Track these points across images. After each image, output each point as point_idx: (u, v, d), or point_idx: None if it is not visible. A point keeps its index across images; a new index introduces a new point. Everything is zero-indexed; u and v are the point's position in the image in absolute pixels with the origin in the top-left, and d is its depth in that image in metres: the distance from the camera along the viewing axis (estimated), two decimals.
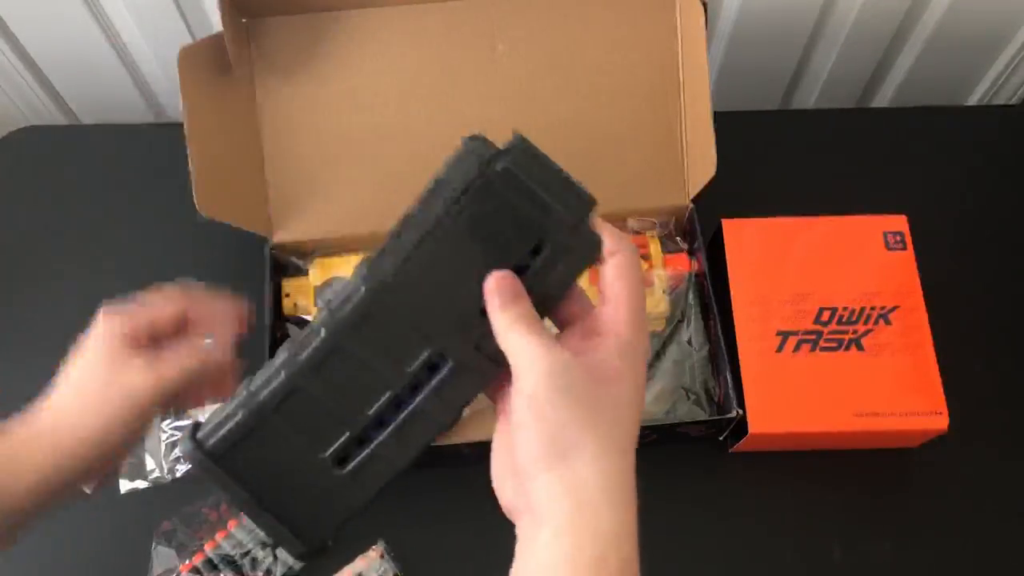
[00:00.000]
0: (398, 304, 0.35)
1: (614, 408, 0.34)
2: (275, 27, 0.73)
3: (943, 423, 0.66)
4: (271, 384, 0.35)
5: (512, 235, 0.35)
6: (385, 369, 0.35)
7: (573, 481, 0.33)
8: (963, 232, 0.83)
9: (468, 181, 0.35)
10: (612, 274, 0.36)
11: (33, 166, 0.89)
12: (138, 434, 0.49)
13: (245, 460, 0.35)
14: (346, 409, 0.35)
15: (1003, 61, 0.97)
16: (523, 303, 0.35)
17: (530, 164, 0.35)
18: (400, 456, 0.36)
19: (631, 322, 0.36)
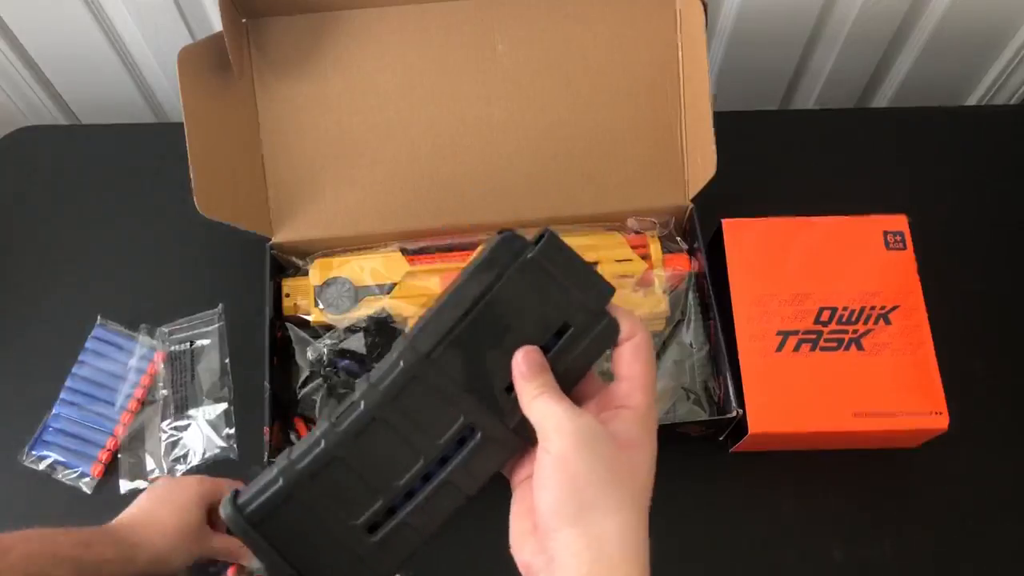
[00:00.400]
0: (434, 379, 0.37)
1: (633, 470, 0.37)
2: (275, 27, 0.73)
3: (943, 423, 0.66)
4: (311, 453, 0.37)
5: (538, 319, 0.38)
6: (418, 441, 0.37)
7: (593, 535, 0.35)
8: (963, 232, 0.83)
9: (502, 268, 0.38)
10: (630, 354, 0.39)
11: (33, 166, 0.89)
12: None
13: (282, 526, 0.36)
14: (380, 479, 0.37)
15: (1003, 61, 0.98)
16: (548, 375, 0.38)
17: (557, 255, 0.38)
18: (426, 525, 0.38)
19: (645, 398, 0.39)
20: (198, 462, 0.73)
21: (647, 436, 0.39)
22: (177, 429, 0.74)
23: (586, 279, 0.39)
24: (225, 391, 0.76)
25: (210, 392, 0.76)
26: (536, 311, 0.38)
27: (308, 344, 0.72)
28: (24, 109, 1.01)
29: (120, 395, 0.75)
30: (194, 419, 0.75)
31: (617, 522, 0.36)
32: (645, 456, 0.39)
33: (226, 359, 0.77)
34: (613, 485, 0.36)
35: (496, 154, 0.75)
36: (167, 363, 0.76)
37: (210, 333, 0.78)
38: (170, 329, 0.78)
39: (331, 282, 0.73)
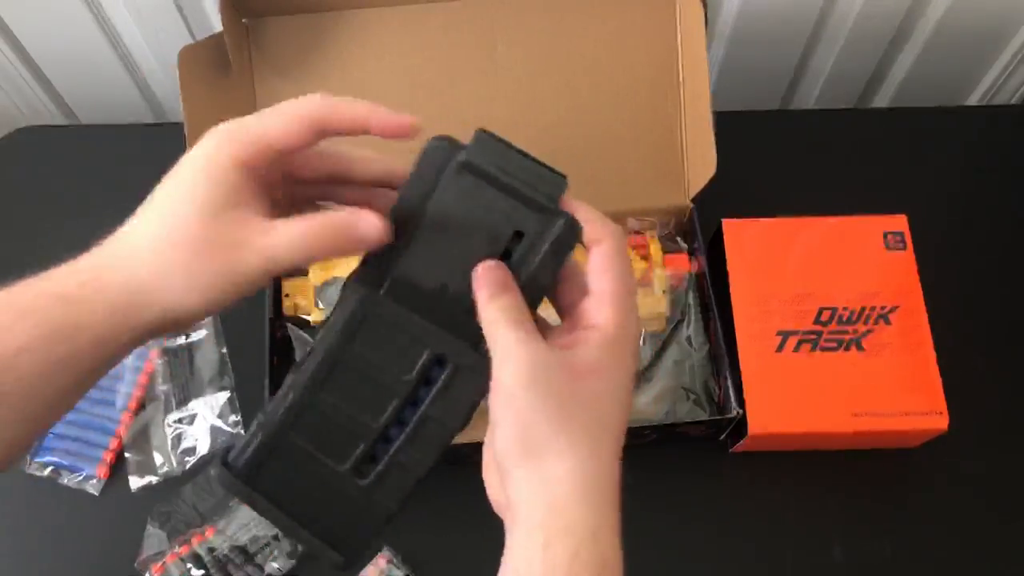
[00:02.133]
0: (388, 311, 0.35)
1: (593, 404, 0.34)
2: (275, 27, 0.73)
3: (943, 423, 0.66)
4: (283, 405, 0.36)
5: (489, 226, 0.35)
6: (387, 378, 0.36)
7: (546, 478, 0.33)
8: (963, 232, 0.83)
9: (436, 177, 0.35)
10: (595, 264, 0.35)
11: (33, 166, 0.89)
12: None
13: (273, 480, 0.36)
14: (357, 421, 0.36)
15: (1003, 61, 0.97)
16: (509, 295, 0.34)
17: (494, 153, 0.35)
18: (418, 463, 0.36)
19: (615, 316, 0.35)
20: (207, 452, 0.73)
21: (613, 360, 0.34)
22: (182, 422, 0.74)
23: (532, 174, 0.35)
24: (227, 379, 0.76)
25: (212, 382, 0.76)
26: (483, 221, 0.35)
27: (308, 344, 0.72)
28: (24, 109, 1.01)
29: (119, 395, 0.75)
30: (198, 411, 0.75)
31: (570, 463, 0.33)
32: (608, 384, 0.34)
33: (223, 348, 0.77)
34: (566, 423, 0.33)
35: None
36: (163, 359, 0.76)
37: (204, 324, 0.78)
38: None
39: (331, 282, 0.73)
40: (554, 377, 0.33)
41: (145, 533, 0.69)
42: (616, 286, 0.35)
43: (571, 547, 0.32)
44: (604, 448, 0.34)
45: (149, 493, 0.72)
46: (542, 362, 0.33)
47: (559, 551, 0.32)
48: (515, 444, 0.33)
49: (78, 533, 0.71)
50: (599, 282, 0.35)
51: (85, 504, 0.72)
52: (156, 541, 0.68)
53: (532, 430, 0.33)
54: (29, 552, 0.71)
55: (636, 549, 0.35)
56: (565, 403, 0.33)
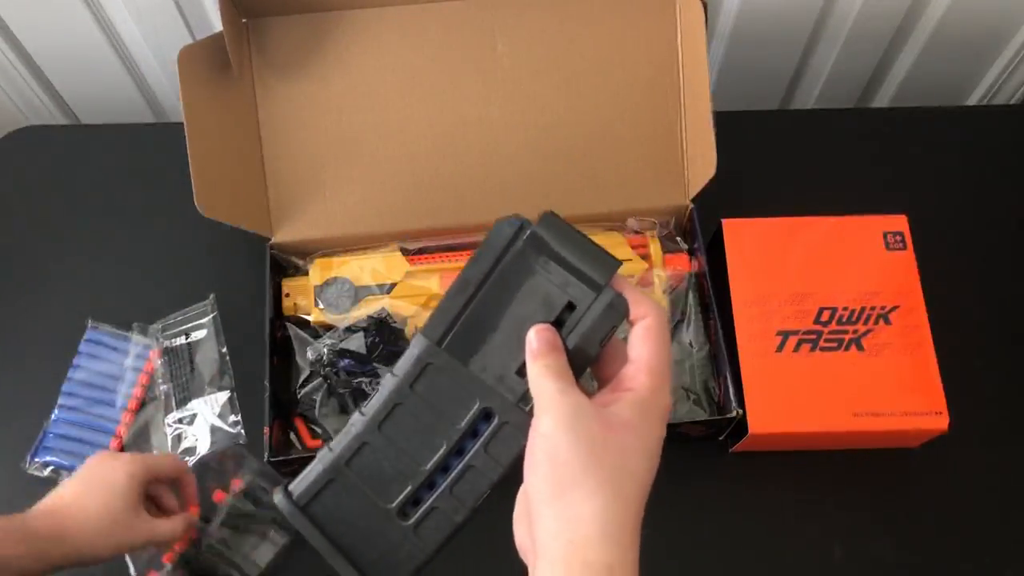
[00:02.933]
0: (448, 365, 0.39)
1: (622, 454, 0.36)
2: (275, 27, 0.73)
3: (943, 423, 0.66)
4: (344, 439, 0.39)
5: (543, 298, 0.39)
6: (439, 426, 0.39)
7: (570, 516, 0.35)
8: (963, 232, 0.83)
9: (504, 247, 0.39)
10: (636, 335, 0.39)
11: (33, 166, 0.89)
12: None
13: (325, 509, 0.39)
14: (407, 464, 0.39)
15: (1003, 61, 0.98)
16: (556, 354, 0.38)
17: (557, 232, 0.39)
18: (456, 510, 0.39)
19: (651, 381, 0.38)
20: (207, 451, 0.73)
21: (643, 421, 0.37)
22: (182, 422, 0.74)
23: (587, 253, 0.39)
24: (227, 379, 0.76)
25: (212, 382, 0.76)
26: (540, 290, 0.39)
27: (308, 344, 0.72)
28: (24, 109, 1.02)
29: (119, 395, 0.75)
30: (198, 410, 0.75)
31: (595, 504, 0.35)
32: (638, 441, 0.37)
33: (223, 348, 0.77)
34: (594, 467, 0.35)
35: (496, 154, 0.75)
36: (164, 359, 0.76)
37: (204, 324, 0.78)
38: (163, 325, 0.78)
39: (331, 282, 0.73)
40: (591, 425, 0.36)
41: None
42: (654, 356, 0.38)
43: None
44: (627, 494, 0.36)
45: None
46: (581, 410, 0.36)
47: None
48: (548, 483, 0.36)
49: None
50: (638, 351, 0.38)
51: None
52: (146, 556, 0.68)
53: (565, 469, 0.35)
54: None
55: None
56: (597, 449, 0.35)
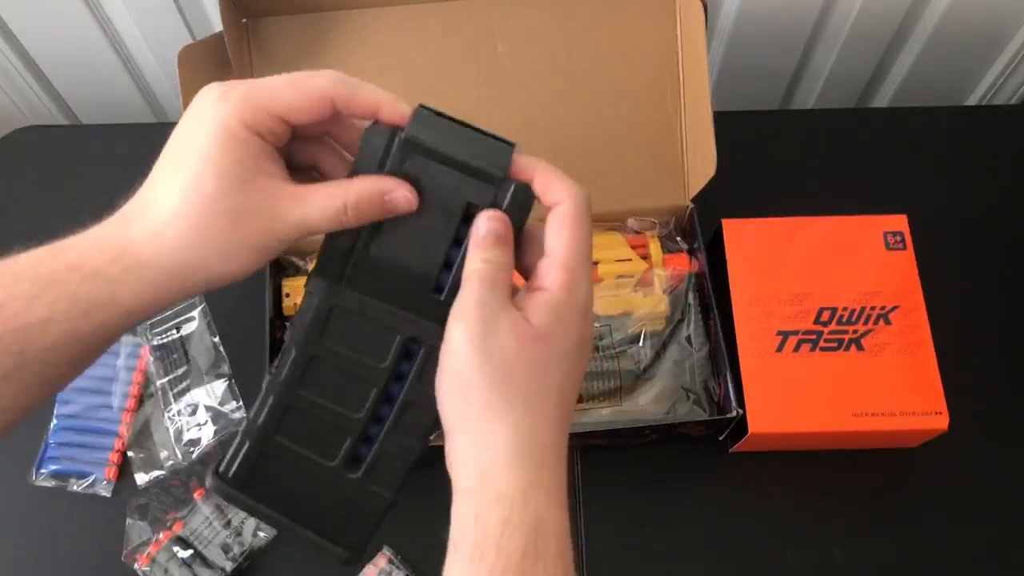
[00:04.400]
0: (355, 303, 0.35)
1: (534, 369, 0.33)
2: (275, 27, 0.73)
3: (943, 423, 0.66)
4: (264, 408, 0.36)
5: (442, 203, 0.35)
6: (362, 369, 0.36)
7: (482, 442, 0.33)
8: (963, 232, 0.83)
9: (379, 161, 0.35)
10: (551, 225, 0.35)
11: (33, 166, 0.89)
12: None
13: (266, 483, 0.36)
14: (339, 415, 0.36)
15: (1003, 61, 0.98)
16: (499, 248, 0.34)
17: (436, 129, 0.35)
18: (406, 448, 0.36)
19: (564, 276, 0.34)
20: (212, 439, 0.73)
21: (559, 323, 0.33)
22: (183, 414, 0.74)
23: (477, 145, 0.35)
24: (224, 367, 0.76)
25: (209, 371, 0.76)
26: (434, 198, 0.35)
27: None
28: (24, 109, 1.01)
29: (116, 396, 0.75)
30: (199, 400, 0.75)
31: (506, 426, 0.32)
32: (553, 350, 0.33)
33: (215, 337, 0.77)
34: (503, 386, 0.32)
35: None
36: (156, 354, 0.76)
37: (194, 316, 0.78)
38: (151, 322, 0.78)
39: None
40: (503, 341, 0.33)
41: (126, 527, 0.69)
42: (567, 249, 0.34)
43: (501, 515, 0.32)
44: (541, 411, 0.33)
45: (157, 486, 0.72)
46: (494, 323, 0.33)
47: (490, 519, 0.32)
48: (453, 406, 0.33)
49: (95, 536, 0.70)
50: (552, 244, 0.35)
51: (97, 507, 0.72)
52: (138, 532, 0.69)
53: (473, 391, 0.33)
54: (50, 562, 0.70)
55: (636, 548, 0.35)
56: (510, 366, 0.33)
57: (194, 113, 0.35)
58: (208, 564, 0.67)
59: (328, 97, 0.35)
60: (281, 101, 0.35)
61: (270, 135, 0.35)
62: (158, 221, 0.34)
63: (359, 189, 0.34)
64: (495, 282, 0.34)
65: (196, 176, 0.33)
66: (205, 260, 0.34)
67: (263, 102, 0.34)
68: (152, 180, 0.36)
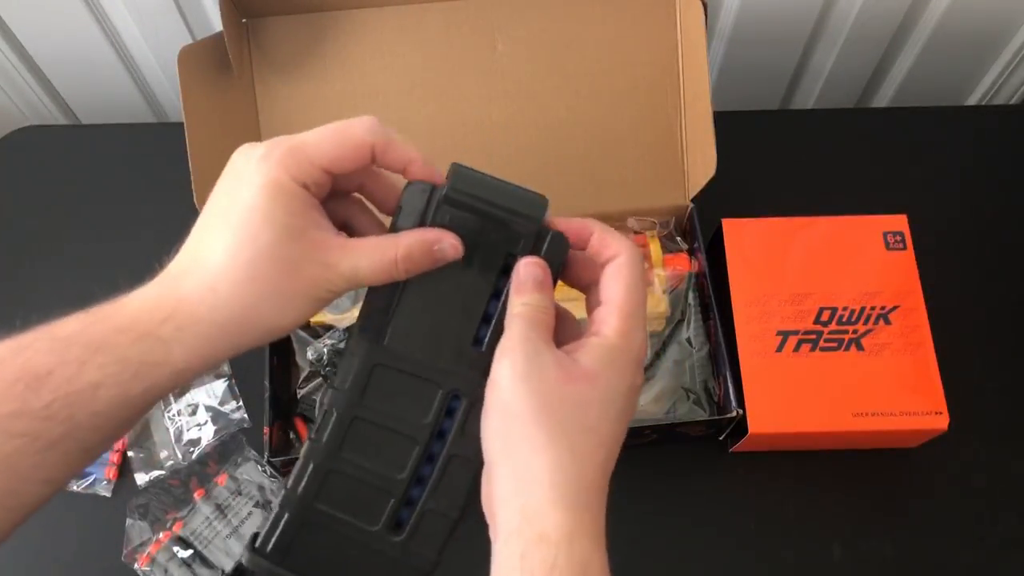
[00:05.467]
0: (396, 360, 0.35)
1: (580, 408, 0.33)
2: (275, 27, 0.73)
3: (943, 423, 0.66)
4: (304, 475, 0.35)
5: (482, 256, 0.35)
6: (406, 427, 0.36)
7: (522, 476, 0.32)
8: (963, 232, 0.83)
9: (420, 216, 0.35)
10: (607, 275, 0.36)
11: (33, 166, 0.89)
12: None
13: (307, 554, 0.35)
14: (382, 477, 0.35)
15: (1003, 61, 0.98)
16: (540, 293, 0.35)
17: (472, 184, 0.35)
18: (450, 505, 0.36)
19: (619, 325, 0.35)
20: (212, 439, 0.73)
21: (609, 369, 0.34)
22: (183, 414, 0.74)
23: (512, 198, 0.35)
24: (224, 367, 0.76)
25: (209, 371, 0.76)
26: (474, 252, 0.35)
27: (308, 344, 0.72)
28: (24, 109, 1.01)
29: None
30: (199, 400, 0.75)
31: (546, 460, 0.32)
32: (601, 391, 0.33)
33: None
34: (545, 420, 0.32)
35: (496, 154, 0.75)
36: None
37: None
38: None
39: None
40: (546, 375, 0.33)
41: (126, 527, 0.69)
42: (624, 298, 0.35)
43: (548, 557, 0.31)
44: (585, 451, 0.33)
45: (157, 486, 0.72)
46: (539, 358, 0.33)
47: (536, 562, 0.32)
48: (498, 436, 0.33)
49: (95, 536, 0.70)
50: (608, 292, 0.35)
51: (97, 507, 0.72)
52: (138, 532, 0.69)
53: (516, 422, 0.33)
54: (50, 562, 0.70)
55: (636, 548, 0.35)
56: (552, 400, 0.33)
57: (235, 171, 0.35)
58: (208, 564, 0.67)
59: (368, 145, 0.36)
60: (324, 153, 0.35)
61: (315, 187, 0.35)
62: (211, 275, 0.33)
63: (409, 241, 0.35)
64: (537, 323, 0.34)
65: (248, 229, 0.33)
66: (259, 312, 0.34)
67: (307, 154, 0.35)
68: (198, 237, 0.35)
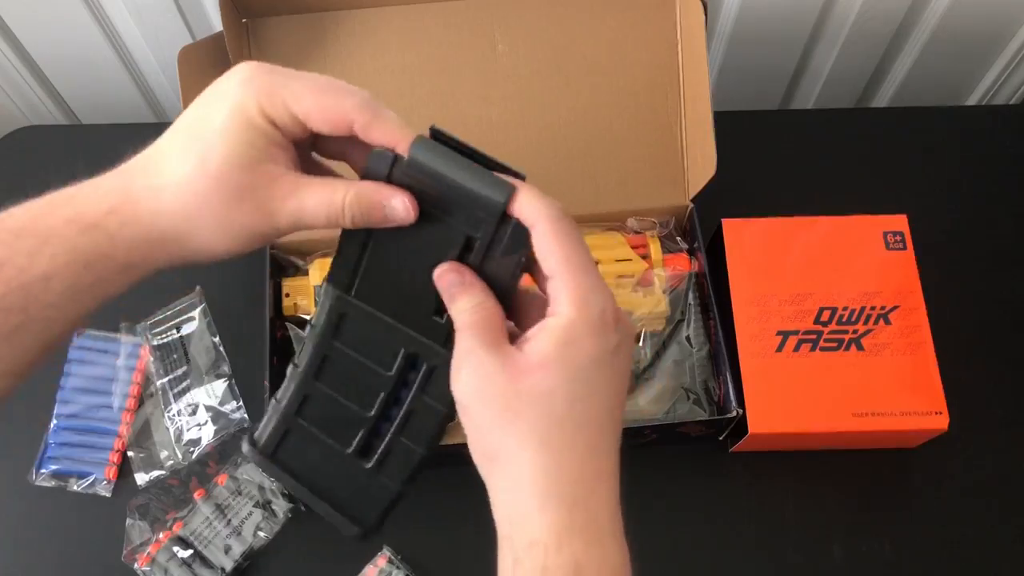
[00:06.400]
0: (362, 314, 0.37)
1: (541, 400, 0.32)
2: (275, 27, 0.73)
3: (943, 423, 0.66)
4: (287, 393, 0.39)
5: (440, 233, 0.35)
6: (370, 374, 0.37)
7: (507, 485, 0.33)
8: (963, 232, 0.83)
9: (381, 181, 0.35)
10: (537, 250, 0.33)
11: (33, 166, 0.89)
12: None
13: (291, 457, 0.39)
14: (352, 410, 0.38)
15: (1003, 61, 0.98)
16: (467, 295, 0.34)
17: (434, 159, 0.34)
18: (414, 448, 0.38)
19: (570, 296, 0.32)
20: (212, 439, 0.73)
21: (563, 347, 0.32)
22: (183, 414, 0.74)
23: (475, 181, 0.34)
24: (224, 367, 0.76)
25: (209, 371, 0.76)
26: (434, 227, 0.35)
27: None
28: (24, 109, 1.01)
29: (116, 396, 0.75)
30: (199, 400, 0.75)
31: (521, 463, 0.32)
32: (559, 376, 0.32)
33: (215, 337, 0.77)
34: (509, 424, 0.32)
35: (496, 154, 0.75)
36: (156, 354, 0.76)
37: (194, 316, 0.78)
38: (151, 322, 0.77)
39: None
40: (495, 380, 0.32)
41: (126, 527, 0.69)
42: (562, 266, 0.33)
43: (537, 562, 0.32)
44: (561, 443, 0.32)
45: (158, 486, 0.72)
46: (482, 369, 0.33)
47: (527, 568, 0.32)
48: (476, 453, 0.34)
49: (95, 536, 0.70)
50: (547, 265, 0.33)
51: (97, 506, 0.71)
52: (138, 532, 0.69)
53: (485, 437, 0.33)
54: (50, 562, 0.70)
55: (636, 548, 0.35)
56: (510, 404, 0.32)
57: (219, 88, 0.36)
58: (208, 564, 0.67)
59: (348, 119, 0.35)
60: (300, 104, 0.34)
61: (284, 128, 0.35)
62: (159, 180, 0.34)
63: (359, 189, 0.34)
64: (475, 326, 0.33)
65: (204, 148, 0.34)
66: (196, 229, 0.34)
67: (284, 96, 0.34)
68: (160, 142, 0.36)
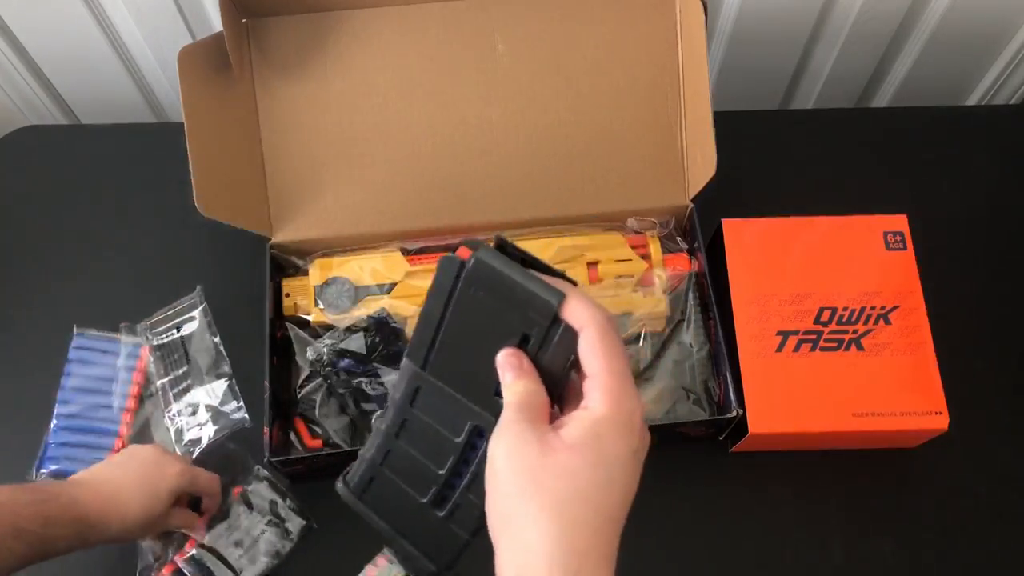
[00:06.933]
0: (435, 387, 0.42)
1: (567, 477, 0.35)
2: (275, 27, 0.73)
3: (943, 423, 0.66)
4: (373, 446, 0.44)
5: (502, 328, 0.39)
6: (442, 439, 0.42)
7: (518, 547, 0.35)
8: (963, 232, 0.83)
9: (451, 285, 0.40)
10: (582, 352, 0.38)
11: (33, 166, 0.90)
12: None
13: (376, 499, 0.44)
14: (426, 468, 0.42)
15: (1003, 61, 0.98)
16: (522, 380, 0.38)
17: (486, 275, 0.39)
18: (480, 504, 0.40)
19: (603, 398, 0.37)
20: (213, 438, 0.73)
21: (595, 439, 0.36)
22: (183, 414, 0.74)
23: (523, 294, 0.38)
24: (224, 367, 0.76)
25: (209, 371, 0.76)
26: (496, 322, 0.40)
27: (308, 344, 0.72)
28: (24, 109, 1.02)
29: (116, 396, 0.75)
30: (199, 400, 0.75)
31: (538, 530, 0.34)
32: (588, 460, 0.36)
33: (216, 336, 0.77)
34: (532, 492, 0.35)
35: (496, 154, 0.75)
36: (157, 354, 0.76)
37: (195, 316, 0.78)
38: (151, 322, 0.78)
39: (331, 282, 0.73)
40: (528, 450, 0.36)
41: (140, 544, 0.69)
42: (602, 369, 0.37)
43: None
44: (576, 518, 0.35)
45: None
46: (522, 436, 0.36)
47: None
48: (495, 514, 0.37)
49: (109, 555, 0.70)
50: (589, 367, 0.37)
51: None
52: (151, 551, 0.68)
53: (507, 500, 0.36)
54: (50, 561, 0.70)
55: (636, 548, 0.35)
56: (536, 474, 0.35)
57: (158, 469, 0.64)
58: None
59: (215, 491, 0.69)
60: (199, 486, 0.67)
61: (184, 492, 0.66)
62: (128, 521, 0.61)
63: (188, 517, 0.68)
64: (521, 406, 0.38)
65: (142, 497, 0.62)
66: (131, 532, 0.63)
67: (189, 483, 0.66)
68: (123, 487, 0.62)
